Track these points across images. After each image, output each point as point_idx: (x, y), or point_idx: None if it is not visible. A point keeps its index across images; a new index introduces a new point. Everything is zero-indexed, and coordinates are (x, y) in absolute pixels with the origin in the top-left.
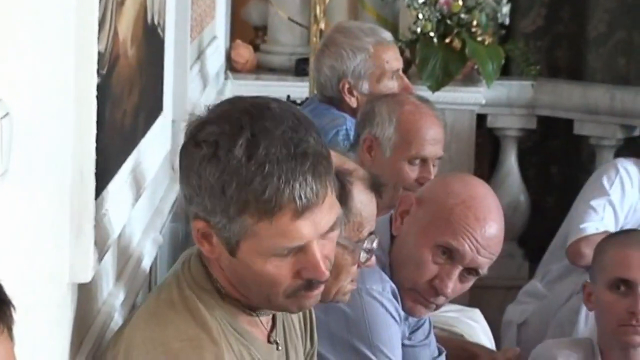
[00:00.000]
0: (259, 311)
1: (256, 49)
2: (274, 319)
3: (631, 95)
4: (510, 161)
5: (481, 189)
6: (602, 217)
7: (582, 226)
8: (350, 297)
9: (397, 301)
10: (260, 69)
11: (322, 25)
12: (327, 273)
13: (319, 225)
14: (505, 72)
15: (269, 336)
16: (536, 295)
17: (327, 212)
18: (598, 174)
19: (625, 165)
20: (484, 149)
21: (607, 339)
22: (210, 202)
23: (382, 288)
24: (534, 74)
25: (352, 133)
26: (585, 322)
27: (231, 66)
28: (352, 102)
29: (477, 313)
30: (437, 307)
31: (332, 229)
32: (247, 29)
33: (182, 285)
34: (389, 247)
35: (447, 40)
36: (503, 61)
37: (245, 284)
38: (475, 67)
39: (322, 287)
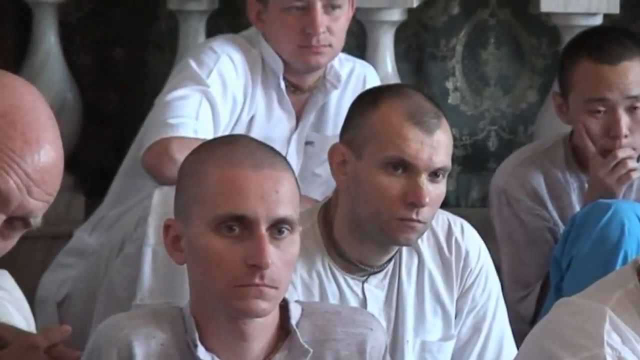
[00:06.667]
0: None
1: None
2: None
3: None
4: (50, 40)
5: (28, 96)
6: (198, 115)
7: (172, 121)
8: None
9: None
10: None
11: None
12: None
13: None
14: None
15: None
16: (84, 255)
17: None
18: (188, 59)
19: (228, 51)
20: (6, 22)
21: (209, 308)
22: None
23: None
24: None
25: None
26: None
27: None
28: None
29: (5, 277)
30: None
31: None
32: None
33: None
34: None
35: None
36: None
37: None
38: None
39: None
